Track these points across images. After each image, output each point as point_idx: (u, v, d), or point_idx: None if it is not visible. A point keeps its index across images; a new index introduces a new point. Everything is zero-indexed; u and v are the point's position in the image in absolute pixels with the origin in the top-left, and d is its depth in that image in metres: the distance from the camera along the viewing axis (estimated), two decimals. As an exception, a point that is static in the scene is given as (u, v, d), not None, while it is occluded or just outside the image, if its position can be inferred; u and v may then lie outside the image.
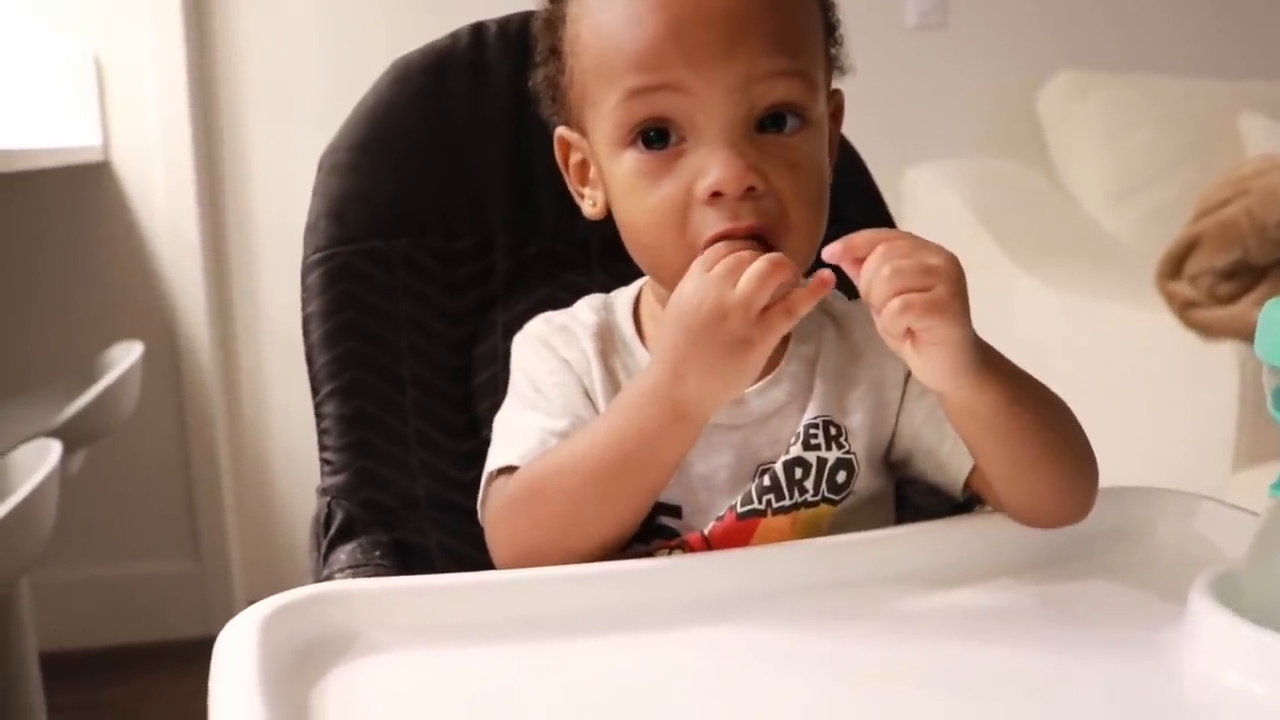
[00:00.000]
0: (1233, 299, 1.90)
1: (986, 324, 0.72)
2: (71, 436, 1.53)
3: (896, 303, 0.67)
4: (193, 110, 2.28)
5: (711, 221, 0.74)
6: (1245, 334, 1.86)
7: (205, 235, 2.33)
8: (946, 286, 0.67)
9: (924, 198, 2.44)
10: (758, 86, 0.74)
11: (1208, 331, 1.91)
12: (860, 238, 0.69)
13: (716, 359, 0.71)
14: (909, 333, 0.68)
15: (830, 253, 0.70)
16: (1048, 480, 0.75)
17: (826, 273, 0.71)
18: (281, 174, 2.36)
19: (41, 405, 1.75)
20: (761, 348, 0.71)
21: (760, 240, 0.74)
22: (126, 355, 1.82)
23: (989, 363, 0.71)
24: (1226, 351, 1.89)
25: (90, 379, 1.76)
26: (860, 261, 0.69)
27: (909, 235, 0.71)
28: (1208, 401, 1.92)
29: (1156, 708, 0.62)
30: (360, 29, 2.34)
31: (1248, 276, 1.90)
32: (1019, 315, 2.25)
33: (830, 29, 0.81)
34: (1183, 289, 1.94)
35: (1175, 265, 1.96)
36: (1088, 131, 2.51)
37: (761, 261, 0.70)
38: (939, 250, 0.69)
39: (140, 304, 2.29)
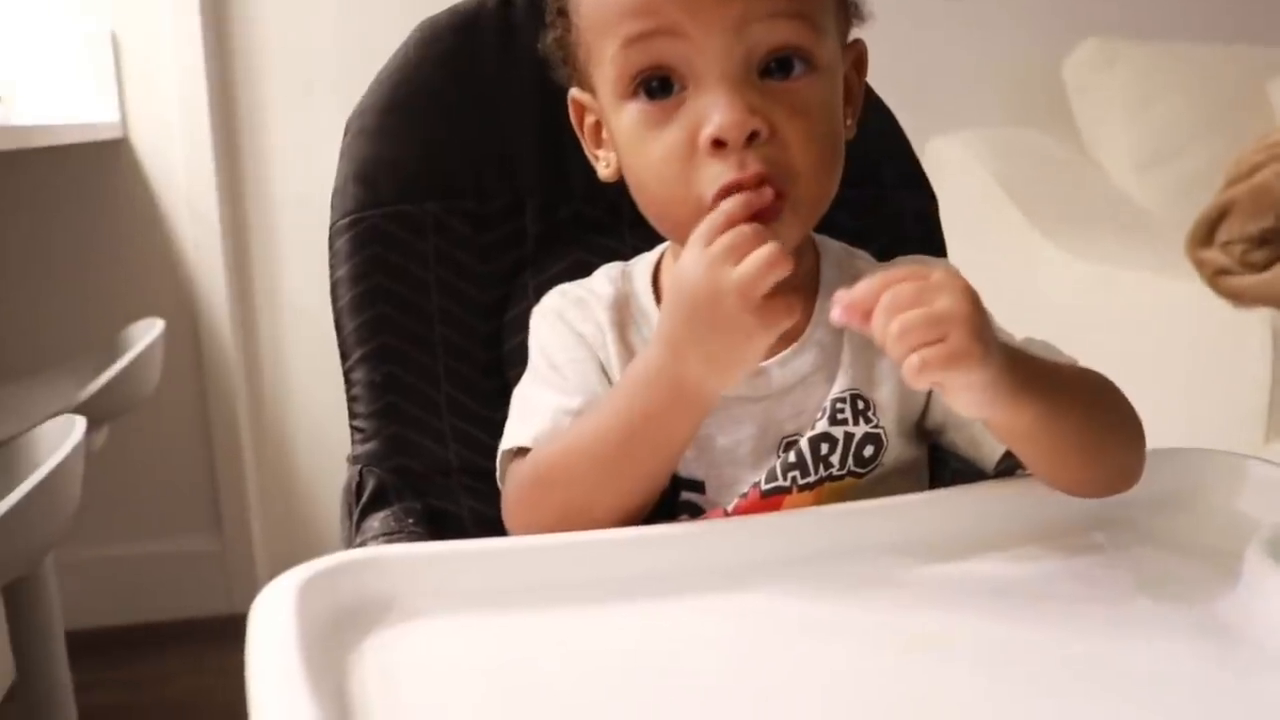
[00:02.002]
0: (1265, 266, 1.87)
1: (1013, 295, 0.69)
2: (94, 413, 1.52)
3: (914, 360, 0.64)
4: (211, 86, 2.27)
5: (717, 174, 0.72)
6: (1278, 301, 1.84)
7: (224, 211, 2.32)
8: (961, 331, 0.64)
9: (948, 167, 2.41)
10: (756, 27, 0.71)
11: (1240, 299, 1.89)
12: (860, 291, 0.66)
13: (714, 342, 0.69)
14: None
15: (834, 317, 0.66)
16: (1092, 467, 0.74)
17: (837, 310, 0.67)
18: (300, 149, 2.35)
19: (64, 382, 1.74)
20: (761, 338, 0.68)
21: (770, 188, 0.71)
22: (148, 332, 1.81)
23: (1024, 382, 0.67)
24: (1259, 319, 1.86)
25: (112, 356, 1.75)
26: (869, 315, 0.65)
27: (911, 273, 0.66)
28: (1240, 370, 1.90)
29: (1214, 675, 0.60)
30: (380, 3, 2.32)
31: (1280, 243, 1.87)
32: (1045, 285, 2.23)
33: None
34: (1214, 256, 1.91)
35: (1207, 232, 1.93)
36: (1114, 100, 2.48)
37: (765, 249, 0.67)
38: (945, 286, 0.65)
39: (160, 281, 2.28)
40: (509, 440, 0.80)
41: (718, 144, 0.71)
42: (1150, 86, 2.46)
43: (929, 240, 1.01)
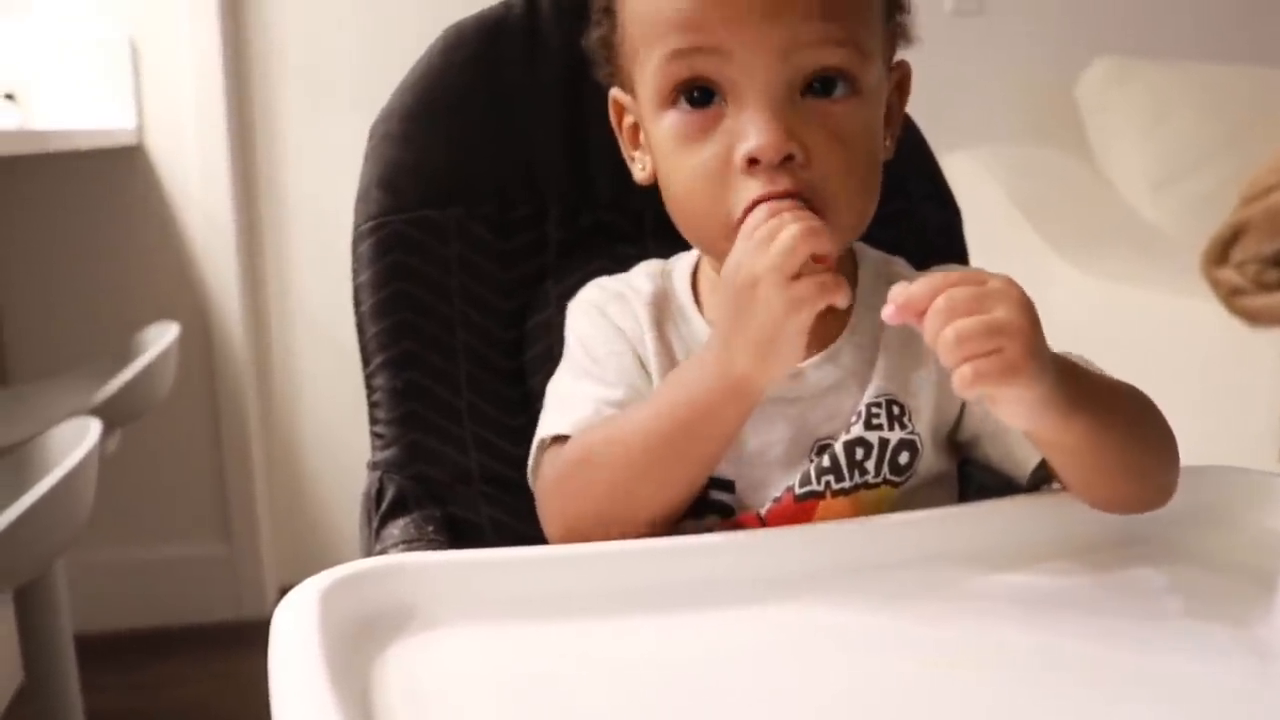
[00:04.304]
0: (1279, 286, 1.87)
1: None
2: (109, 416, 1.52)
3: (967, 371, 0.63)
4: (227, 92, 2.27)
5: (749, 190, 0.71)
6: (1293, 322, 1.84)
7: (239, 217, 2.32)
8: (1018, 344, 0.63)
9: (962, 184, 2.39)
10: (802, 52, 0.71)
11: (1254, 319, 1.88)
12: (918, 290, 0.65)
13: (756, 329, 0.68)
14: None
15: (888, 314, 0.65)
16: (1131, 483, 0.73)
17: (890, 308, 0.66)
18: (315, 155, 2.35)
19: (78, 385, 1.74)
20: (794, 320, 0.68)
21: (803, 200, 0.71)
22: (162, 336, 1.81)
23: (1074, 398, 0.66)
24: (1273, 339, 1.86)
25: (126, 359, 1.76)
26: (922, 315, 0.64)
27: (969, 277, 0.66)
28: (1253, 389, 1.90)
29: (1249, 691, 0.59)
30: (396, 10, 2.32)
31: (1296, 264, 1.87)
32: (1058, 302, 2.22)
33: None
34: (1229, 276, 1.91)
35: (1221, 252, 1.93)
36: (1127, 118, 2.48)
37: (791, 231, 0.67)
38: (1004, 295, 0.64)
39: (174, 285, 2.29)
40: (546, 429, 0.79)
41: (752, 162, 0.71)
42: (1163, 105, 2.46)
43: (953, 254, 1.01)
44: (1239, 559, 0.74)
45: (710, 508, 0.78)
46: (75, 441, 1.31)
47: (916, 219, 0.98)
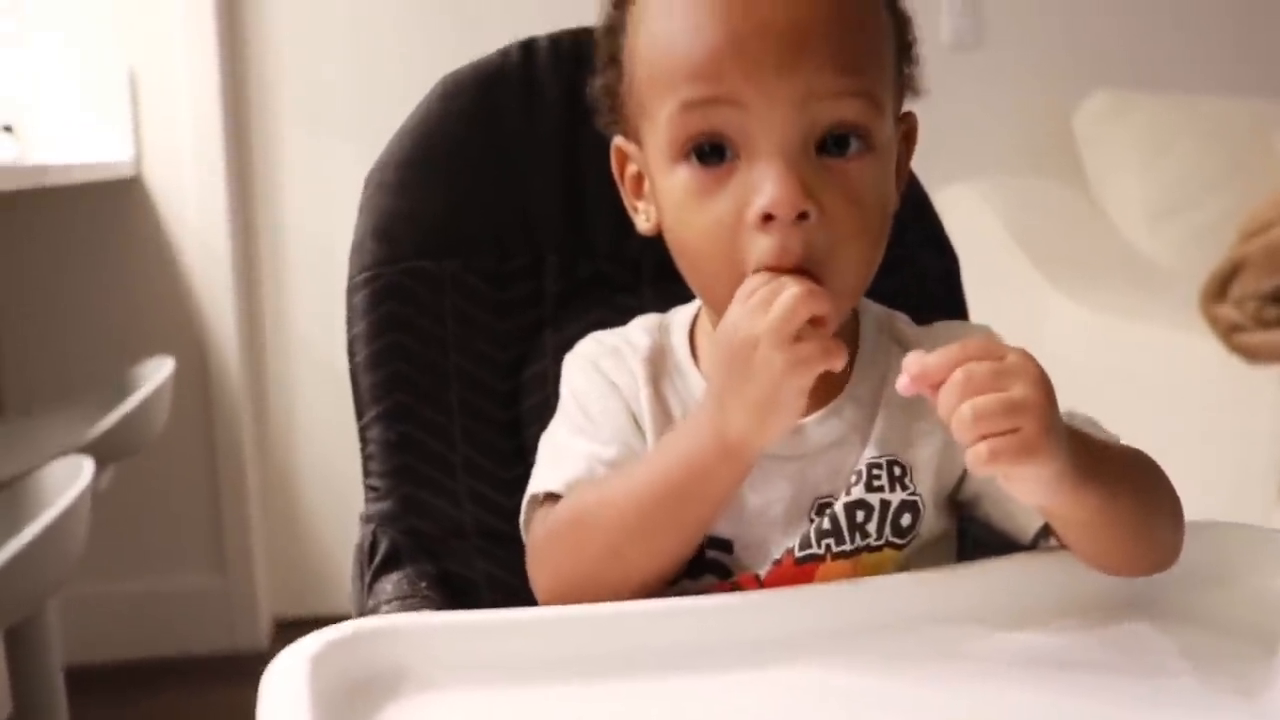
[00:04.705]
0: (1279, 323, 1.87)
1: (1022, 345, 0.68)
2: (103, 452, 1.51)
3: (983, 449, 0.62)
4: (225, 125, 2.28)
5: (760, 248, 0.70)
6: (1292, 359, 1.83)
7: (236, 251, 2.32)
8: (1035, 423, 0.62)
9: (959, 216, 2.39)
10: (818, 105, 0.70)
11: (1253, 356, 1.88)
12: (935, 361, 0.64)
13: (754, 391, 0.68)
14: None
15: (902, 385, 0.65)
16: (1139, 550, 0.72)
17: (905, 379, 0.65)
18: (314, 190, 2.35)
19: (73, 420, 1.73)
20: (793, 382, 0.67)
21: (810, 277, 0.70)
22: (158, 371, 1.81)
23: (1086, 473, 0.66)
24: (1272, 376, 1.85)
25: (121, 394, 1.75)
26: (937, 386, 0.64)
27: (986, 350, 0.65)
28: (1252, 428, 1.89)
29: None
30: (395, 45, 2.33)
31: (1295, 301, 1.87)
32: (1054, 337, 2.22)
33: (904, 48, 0.78)
34: (1228, 312, 1.91)
35: (1220, 288, 1.93)
36: (1125, 151, 2.48)
37: (791, 292, 0.67)
38: (1021, 370, 0.64)
39: (170, 320, 2.28)
40: (538, 485, 0.79)
41: (767, 218, 0.70)
42: (1160, 138, 2.47)
43: (951, 303, 1.00)
44: (1240, 617, 0.73)
45: (707, 568, 0.77)
46: (68, 481, 1.30)
47: (915, 267, 0.98)
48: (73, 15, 2.21)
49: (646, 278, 0.96)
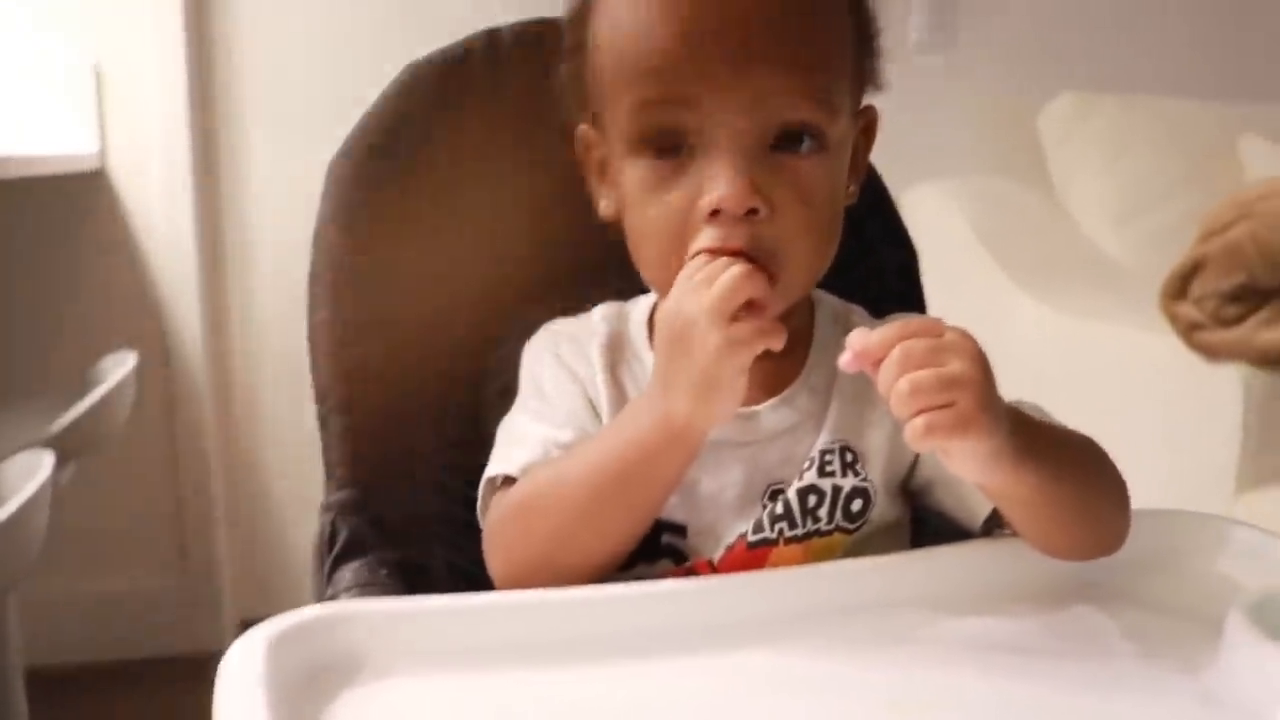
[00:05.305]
0: (1238, 321, 1.89)
1: (987, 344, 0.69)
2: (64, 448, 1.50)
3: (920, 423, 0.63)
4: (191, 119, 2.26)
5: (705, 237, 0.72)
6: (1250, 356, 1.85)
7: (201, 245, 2.30)
8: (970, 397, 0.63)
9: (925, 216, 2.42)
10: (771, 104, 0.72)
11: (1212, 354, 1.90)
12: (875, 339, 0.65)
13: (695, 372, 0.68)
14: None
15: (844, 361, 0.66)
16: (1082, 532, 0.74)
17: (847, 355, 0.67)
18: (279, 185, 2.34)
19: (34, 415, 1.72)
20: (731, 361, 0.68)
21: (751, 261, 0.71)
22: (120, 366, 1.80)
23: (1025, 450, 0.67)
24: (1231, 373, 1.87)
25: (83, 389, 1.74)
26: (878, 363, 0.65)
27: (925, 328, 0.66)
28: (1212, 423, 1.91)
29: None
30: (362, 41, 2.32)
31: (1253, 299, 1.89)
32: (1019, 336, 2.24)
33: (865, 41, 0.79)
34: (1187, 311, 1.93)
35: (1180, 287, 1.95)
36: (1089, 152, 2.51)
37: (731, 272, 0.68)
38: (958, 347, 0.65)
39: (134, 314, 2.26)
40: (494, 469, 0.79)
41: (715, 213, 0.71)
42: (1124, 140, 2.49)
43: (910, 296, 1.01)
44: (1187, 603, 0.75)
45: (663, 552, 0.78)
46: (27, 475, 1.29)
47: (874, 261, 0.99)
48: (38, 8, 2.19)
49: (611, 265, 0.96)
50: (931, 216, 2.41)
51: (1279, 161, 2.31)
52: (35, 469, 1.31)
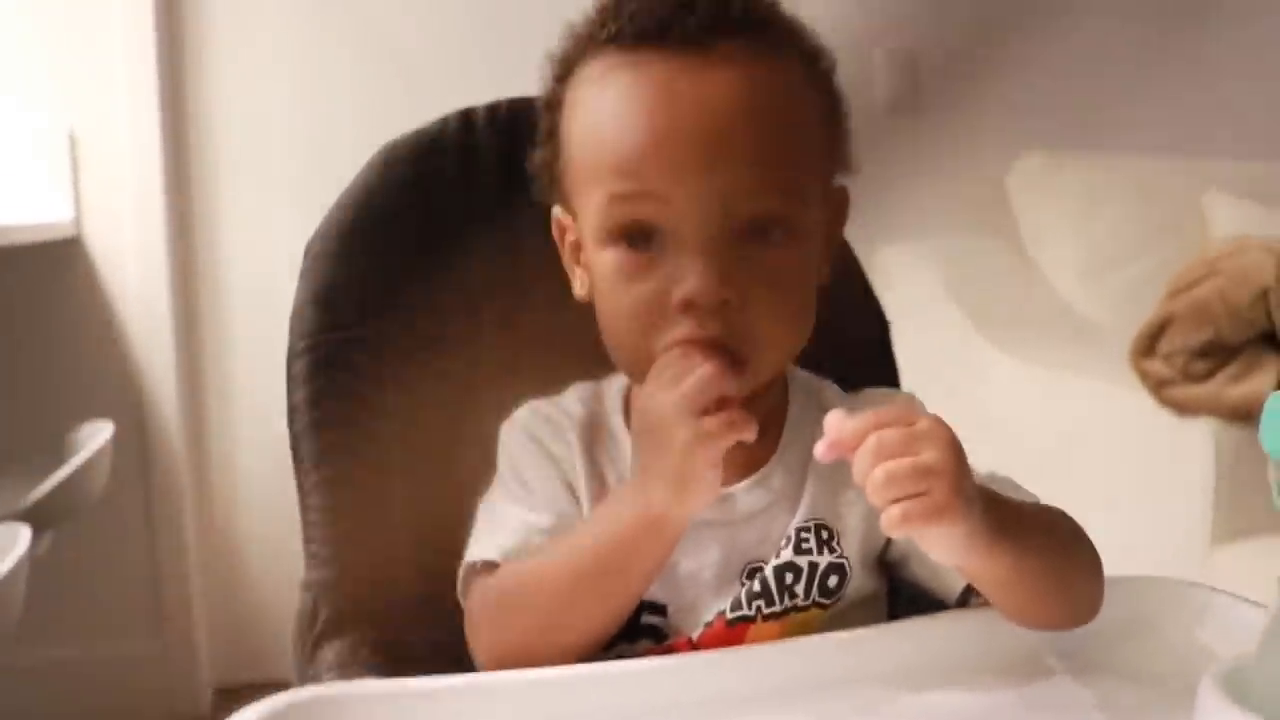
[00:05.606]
0: (1206, 377, 1.92)
1: (960, 401, 0.70)
2: (40, 518, 1.50)
3: (895, 512, 0.65)
4: (166, 186, 2.27)
5: (680, 328, 0.73)
6: (1219, 411, 1.88)
7: (177, 313, 2.31)
8: (944, 485, 0.65)
9: (897, 276, 2.45)
10: (739, 199, 0.73)
11: (1182, 409, 1.93)
12: (850, 429, 0.67)
13: (670, 466, 0.70)
14: None
15: (819, 452, 0.67)
16: (1058, 604, 0.75)
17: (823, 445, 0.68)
18: (255, 253, 2.35)
19: (9, 484, 1.71)
20: (701, 455, 0.69)
21: (726, 351, 0.73)
22: (97, 435, 1.79)
23: (998, 531, 0.68)
24: (1202, 428, 1.89)
25: (59, 457, 1.73)
26: (854, 449, 0.66)
27: (899, 416, 0.67)
28: (1185, 477, 1.93)
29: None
30: (337, 108, 2.34)
31: (1220, 355, 1.92)
32: (992, 392, 2.26)
33: (834, 126, 0.80)
34: (1157, 367, 1.96)
35: (1149, 343, 1.98)
36: (1057, 210, 2.54)
37: (701, 371, 0.69)
38: (932, 435, 0.66)
39: (110, 382, 2.26)
40: (475, 553, 0.80)
41: (688, 305, 0.73)
42: (1092, 197, 2.53)
43: (882, 365, 1.03)
44: (1161, 670, 0.76)
45: (643, 631, 0.78)
46: (3, 550, 1.29)
47: (846, 332, 1.00)
48: (13, 74, 2.21)
49: (582, 341, 0.97)
50: (904, 276, 2.43)
51: (1243, 217, 2.35)
52: (11, 544, 1.30)
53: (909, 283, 2.43)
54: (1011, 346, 2.27)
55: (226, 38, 2.33)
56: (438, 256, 0.96)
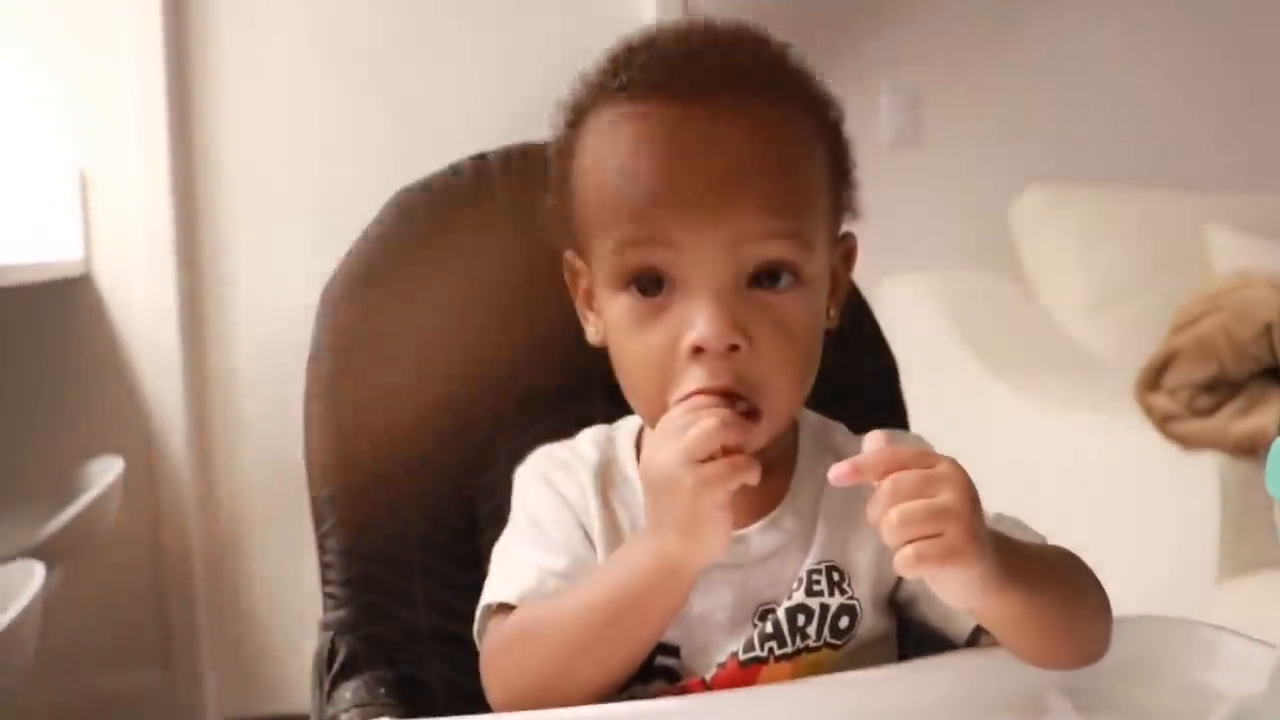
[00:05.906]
0: (1211, 411, 1.93)
1: (965, 435, 0.71)
2: (51, 554, 1.50)
3: (909, 553, 0.66)
4: (176, 225, 2.29)
5: (691, 377, 0.74)
6: (1225, 446, 1.89)
7: (186, 350, 2.32)
8: (959, 528, 0.66)
9: (900, 310, 2.46)
10: (748, 246, 0.74)
11: (1187, 443, 1.93)
12: (868, 462, 0.68)
13: (681, 514, 0.70)
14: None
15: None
16: (1065, 644, 0.76)
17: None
18: (264, 291, 2.36)
19: (20, 521, 1.72)
20: (707, 499, 0.70)
21: (738, 398, 0.74)
22: (107, 471, 1.80)
23: (1011, 574, 0.69)
24: (1208, 462, 1.90)
25: (69, 494, 1.74)
26: (871, 477, 0.68)
27: (916, 458, 0.68)
28: (1191, 512, 1.93)
29: None
30: (347, 146, 2.36)
31: (1225, 390, 1.93)
32: (996, 427, 2.27)
33: (841, 173, 0.82)
34: (1162, 402, 1.96)
35: (1154, 378, 1.99)
36: (1060, 244, 2.55)
37: (705, 424, 0.70)
38: (948, 478, 0.67)
39: (119, 419, 2.27)
40: (491, 595, 0.80)
41: (698, 350, 0.74)
42: (1095, 230, 2.53)
43: (891, 406, 1.03)
44: (1168, 707, 0.76)
45: (657, 673, 0.79)
46: (18, 588, 1.29)
47: (854, 373, 1.01)
48: (23, 114, 2.23)
49: (597, 386, 0.98)
50: (908, 310, 2.45)
51: (1245, 251, 2.36)
52: (26, 581, 1.31)
53: (913, 317, 2.44)
54: (1016, 380, 2.28)
55: (236, 78, 2.35)
56: (453, 302, 0.98)
